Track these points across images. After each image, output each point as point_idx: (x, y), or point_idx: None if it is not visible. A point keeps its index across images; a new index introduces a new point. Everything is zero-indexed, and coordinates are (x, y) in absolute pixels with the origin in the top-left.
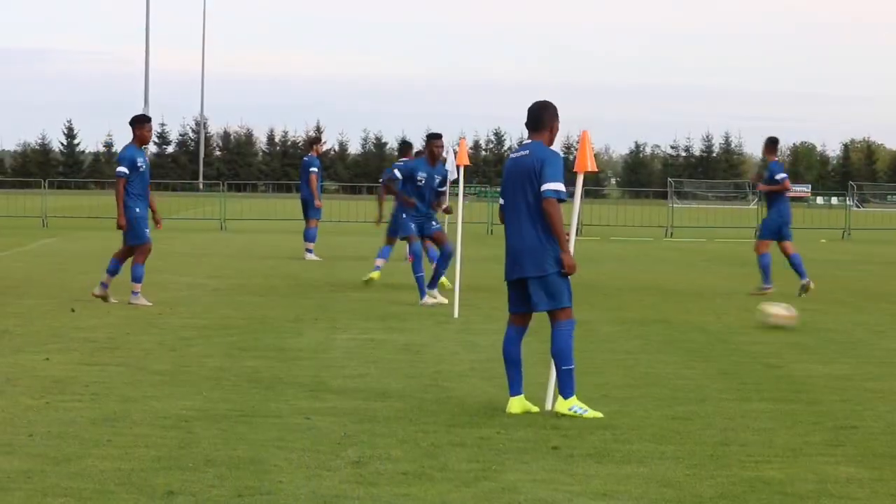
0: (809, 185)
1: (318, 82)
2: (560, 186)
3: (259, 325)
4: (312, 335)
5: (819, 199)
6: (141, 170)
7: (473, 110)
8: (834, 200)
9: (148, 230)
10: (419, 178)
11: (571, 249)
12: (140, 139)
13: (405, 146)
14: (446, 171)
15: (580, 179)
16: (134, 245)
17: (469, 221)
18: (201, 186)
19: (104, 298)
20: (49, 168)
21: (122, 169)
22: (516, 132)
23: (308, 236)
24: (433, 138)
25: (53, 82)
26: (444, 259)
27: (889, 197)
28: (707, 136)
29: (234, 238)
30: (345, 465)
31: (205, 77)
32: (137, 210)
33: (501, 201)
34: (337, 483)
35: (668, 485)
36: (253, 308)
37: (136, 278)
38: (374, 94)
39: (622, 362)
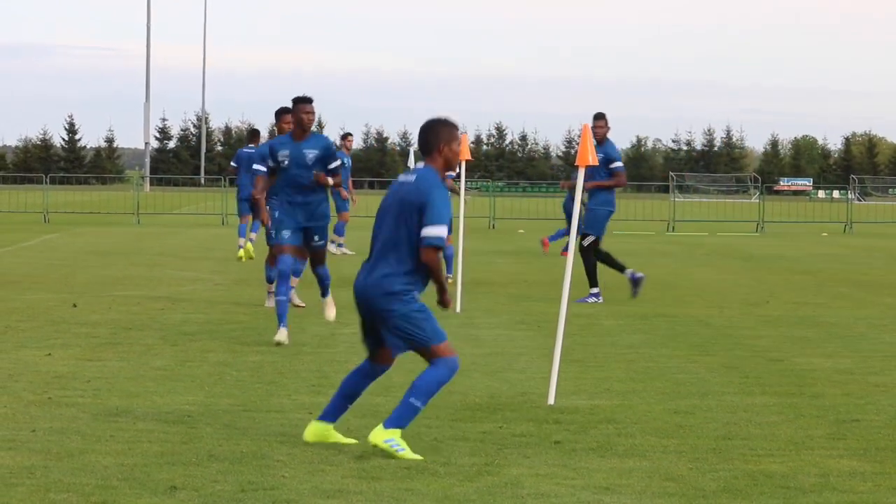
0: (811, 179)
1: (319, 77)
2: (442, 231)
3: (261, 320)
4: (315, 329)
5: (821, 193)
6: (283, 165)
7: (475, 105)
8: (835, 194)
9: (287, 232)
10: (281, 158)
11: (572, 244)
12: (281, 132)
13: (253, 134)
14: (328, 143)
15: (581, 173)
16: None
17: (471, 216)
18: (203, 181)
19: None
20: (50, 163)
21: (259, 166)
22: (517, 126)
23: (336, 229)
24: (299, 103)
25: (55, 77)
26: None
27: (891, 190)
28: (708, 130)
29: (236, 233)
30: (347, 459)
31: (206, 72)
32: (276, 213)
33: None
34: (340, 478)
35: (671, 478)
36: (255, 303)
37: (268, 279)
38: (375, 89)
39: (624, 356)
